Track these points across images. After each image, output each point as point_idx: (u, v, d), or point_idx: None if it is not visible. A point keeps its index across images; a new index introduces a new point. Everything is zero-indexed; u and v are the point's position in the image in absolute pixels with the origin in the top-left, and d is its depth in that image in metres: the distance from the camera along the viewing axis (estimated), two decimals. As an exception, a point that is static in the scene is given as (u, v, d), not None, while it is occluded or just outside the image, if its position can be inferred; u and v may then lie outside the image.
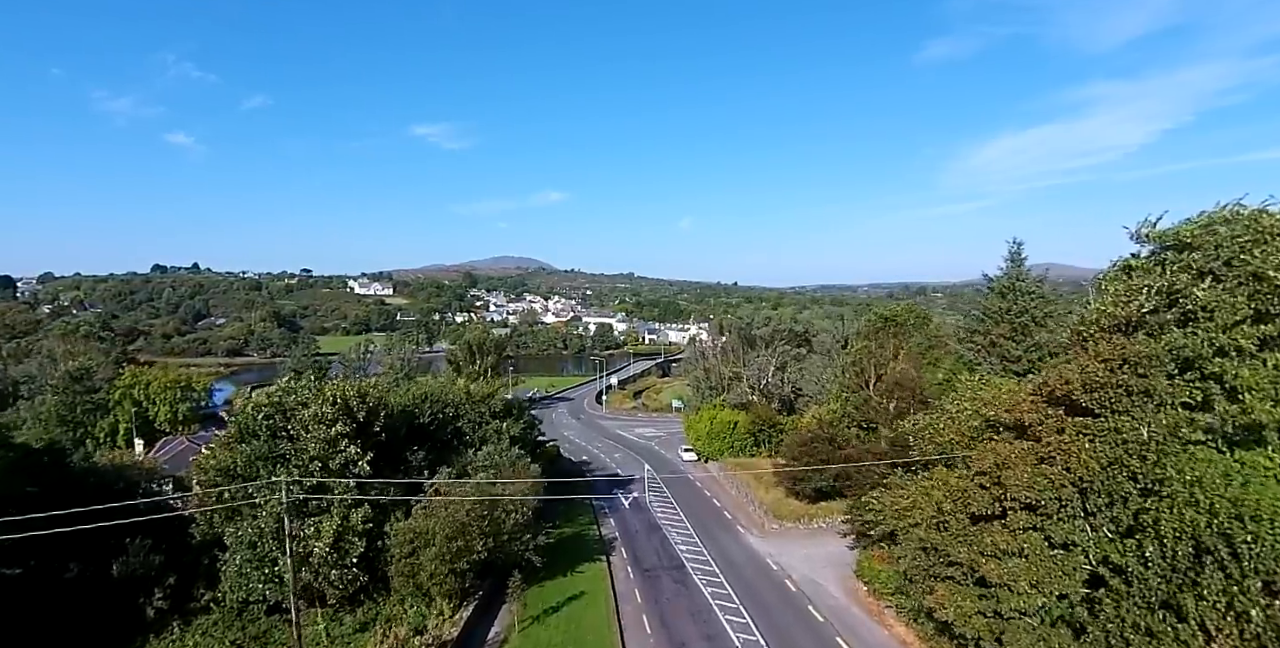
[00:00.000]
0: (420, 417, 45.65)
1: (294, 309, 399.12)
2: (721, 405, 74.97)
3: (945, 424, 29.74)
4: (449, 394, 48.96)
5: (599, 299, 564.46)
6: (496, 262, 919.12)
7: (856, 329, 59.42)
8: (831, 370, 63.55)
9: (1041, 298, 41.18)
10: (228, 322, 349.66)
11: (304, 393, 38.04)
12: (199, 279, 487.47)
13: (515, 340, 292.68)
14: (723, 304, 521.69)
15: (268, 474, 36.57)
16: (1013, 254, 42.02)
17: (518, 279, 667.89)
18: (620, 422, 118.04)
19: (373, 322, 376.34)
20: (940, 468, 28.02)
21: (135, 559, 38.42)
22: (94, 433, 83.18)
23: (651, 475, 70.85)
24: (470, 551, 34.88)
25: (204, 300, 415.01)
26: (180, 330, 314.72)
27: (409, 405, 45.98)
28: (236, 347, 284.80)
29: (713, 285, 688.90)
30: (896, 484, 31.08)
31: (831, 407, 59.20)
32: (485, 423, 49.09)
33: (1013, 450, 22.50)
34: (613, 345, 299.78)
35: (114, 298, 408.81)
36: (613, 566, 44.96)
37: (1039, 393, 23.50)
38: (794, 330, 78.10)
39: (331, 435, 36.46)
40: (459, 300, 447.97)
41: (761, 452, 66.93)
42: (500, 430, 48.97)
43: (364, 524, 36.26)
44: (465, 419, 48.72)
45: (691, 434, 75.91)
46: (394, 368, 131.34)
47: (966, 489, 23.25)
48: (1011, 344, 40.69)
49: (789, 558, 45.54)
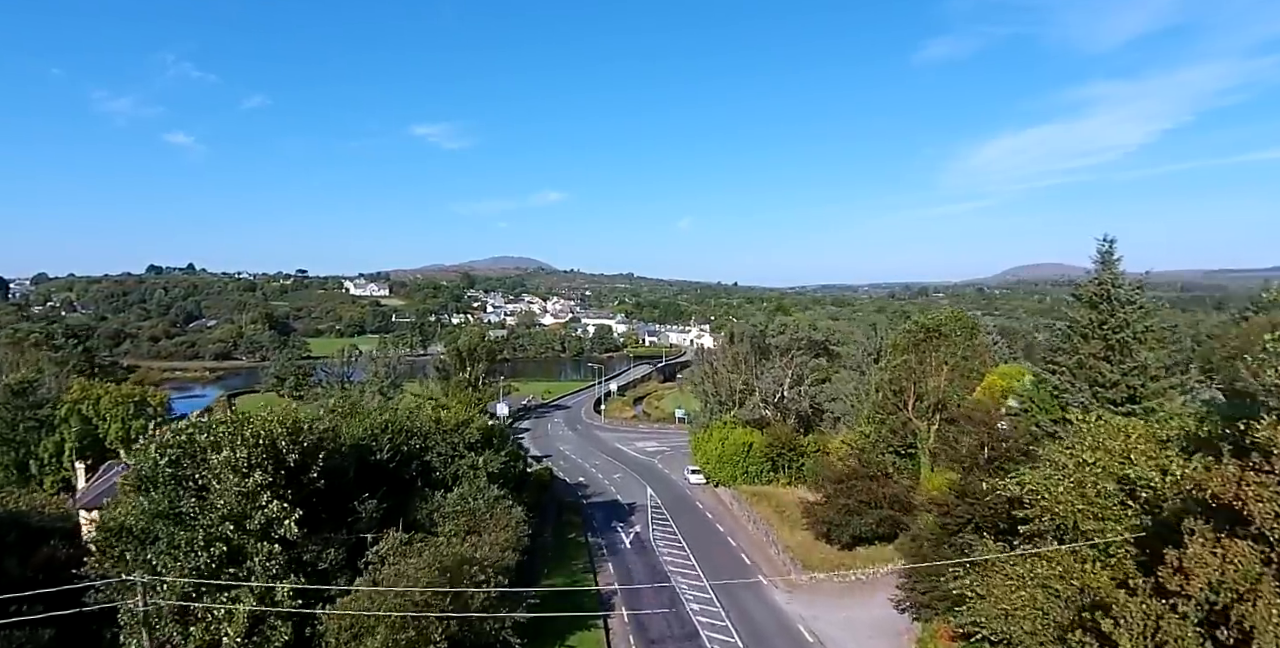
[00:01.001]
0: (377, 452, 37.58)
1: (288, 311, 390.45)
2: (733, 423, 66.94)
3: (1062, 487, 21.70)
4: (415, 422, 40.82)
5: (598, 300, 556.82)
6: (496, 262, 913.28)
7: (892, 340, 51.24)
8: (861, 387, 55.45)
9: (1141, 309, 33.08)
10: (218, 324, 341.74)
11: (218, 430, 29.97)
12: (193, 280, 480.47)
13: (512, 343, 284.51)
14: (723, 305, 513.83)
15: (166, 537, 28.57)
16: (1103, 254, 33.91)
17: (516, 280, 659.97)
18: (619, 433, 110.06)
19: (368, 323, 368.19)
20: (1064, 555, 20.08)
21: (21, 634, 30.54)
22: (38, 453, 75.05)
23: (655, 503, 62.89)
24: (426, 641, 26.86)
25: (196, 302, 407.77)
26: (169, 333, 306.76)
27: (363, 439, 37.91)
28: (225, 350, 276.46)
29: (713, 286, 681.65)
30: (994, 566, 23.00)
31: (863, 430, 51.17)
32: (459, 457, 41.03)
33: (1251, 562, 14.13)
34: (612, 348, 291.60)
35: (106, 299, 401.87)
36: (611, 634, 36.96)
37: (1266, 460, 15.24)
38: (813, 339, 69.85)
39: (249, 487, 28.42)
40: (456, 301, 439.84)
41: (780, 478, 58.87)
42: (477, 465, 40.89)
43: (293, 601, 28.29)
44: (435, 452, 40.64)
45: (699, 455, 67.93)
46: (378, 375, 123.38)
47: (1157, 615, 14.91)
48: (1106, 366, 32.64)
49: (826, 624, 37.47)
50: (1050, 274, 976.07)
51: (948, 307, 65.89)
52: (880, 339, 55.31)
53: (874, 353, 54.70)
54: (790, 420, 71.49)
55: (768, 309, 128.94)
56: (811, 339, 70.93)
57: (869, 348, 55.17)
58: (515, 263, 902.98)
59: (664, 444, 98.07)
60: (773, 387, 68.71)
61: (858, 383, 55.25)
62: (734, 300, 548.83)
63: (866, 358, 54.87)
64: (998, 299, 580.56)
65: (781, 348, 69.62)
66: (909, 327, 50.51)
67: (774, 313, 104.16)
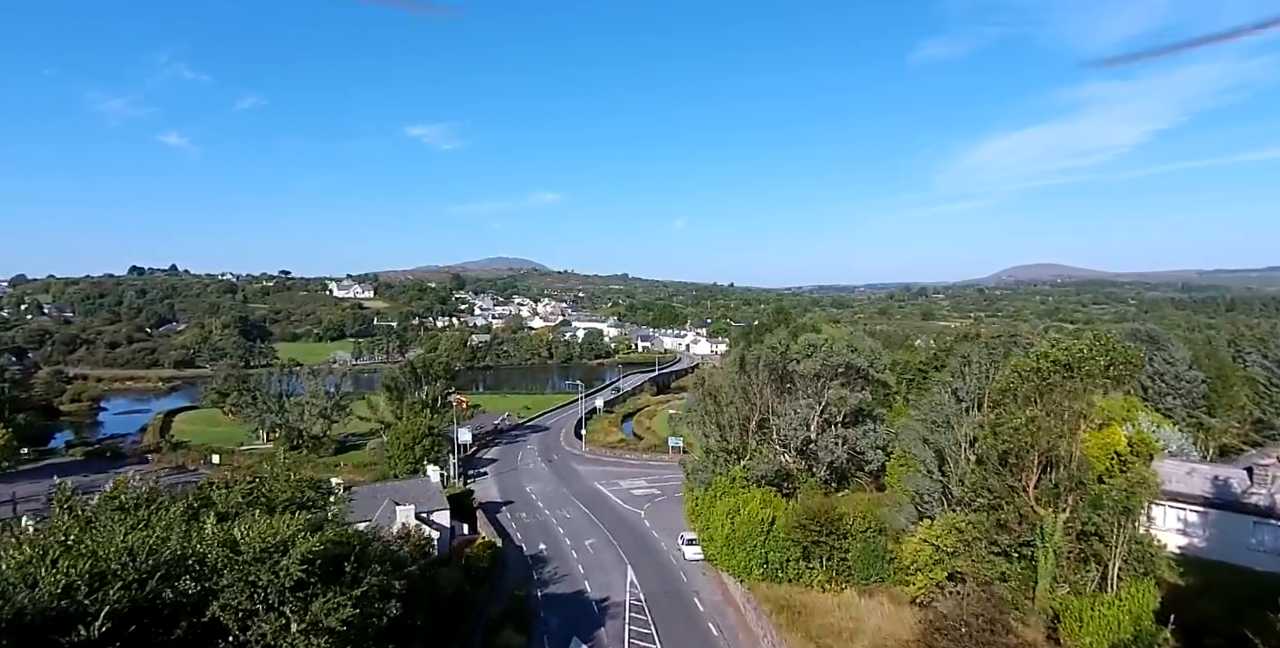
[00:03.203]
0: (90, 613, 19.51)
1: (266, 314, 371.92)
2: (743, 479, 48.88)
3: None
4: (189, 548, 22.62)
5: (591, 301, 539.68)
6: (490, 263, 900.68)
7: (1002, 383, 33.21)
8: (952, 449, 37.37)
9: None
10: (188, 327, 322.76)
11: None
12: (173, 281, 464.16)
13: (495, 349, 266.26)
14: (720, 306, 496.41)
15: None
16: None
17: (508, 281, 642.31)
18: (602, 467, 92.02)
19: (348, 327, 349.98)
20: None
21: None
22: None
23: (637, 597, 44.91)
24: None
25: (170, 305, 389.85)
26: (131, 338, 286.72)
27: (73, 583, 19.74)
28: (187, 357, 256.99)
29: (709, 286, 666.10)
30: None
31: (956, 520, 33.32)
32: (280, 601, 22.96)
33: None
34: (602, 354, 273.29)
35: (82, 302, 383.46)
36: None
37: None
38: (853, 365, 51.72)
39: None
40: (442, 304, 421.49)
41: (818, 573, 40.74)
42: (313, 616, 22.75)
43: None
44: (229, 596, 22.56)
45: (700, 524, 49.99)
46: (318, 396, 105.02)
47: None
48: None
49: None
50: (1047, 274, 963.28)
51: (1091, 332, 47.17)
52: (974, 374, 37.43)
53: (972, 397, 36.76)
54: (820, 472, 53.50)
55: (801, 325, 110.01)
56: (851, 365, 52.82)
57: (963, 389, 37.15)
58: (510, 264, 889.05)
59: (655, 484, 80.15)
60: (798, 429, 50.83)
61: (941, 442, 37.28)
62: (731, 302, 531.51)
63: (956, 408, 36.88)
64: (999, 300, 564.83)
65: (811, 376, 51.70)
66: (1030, 362, 32.62)
67: (799, 329, 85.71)
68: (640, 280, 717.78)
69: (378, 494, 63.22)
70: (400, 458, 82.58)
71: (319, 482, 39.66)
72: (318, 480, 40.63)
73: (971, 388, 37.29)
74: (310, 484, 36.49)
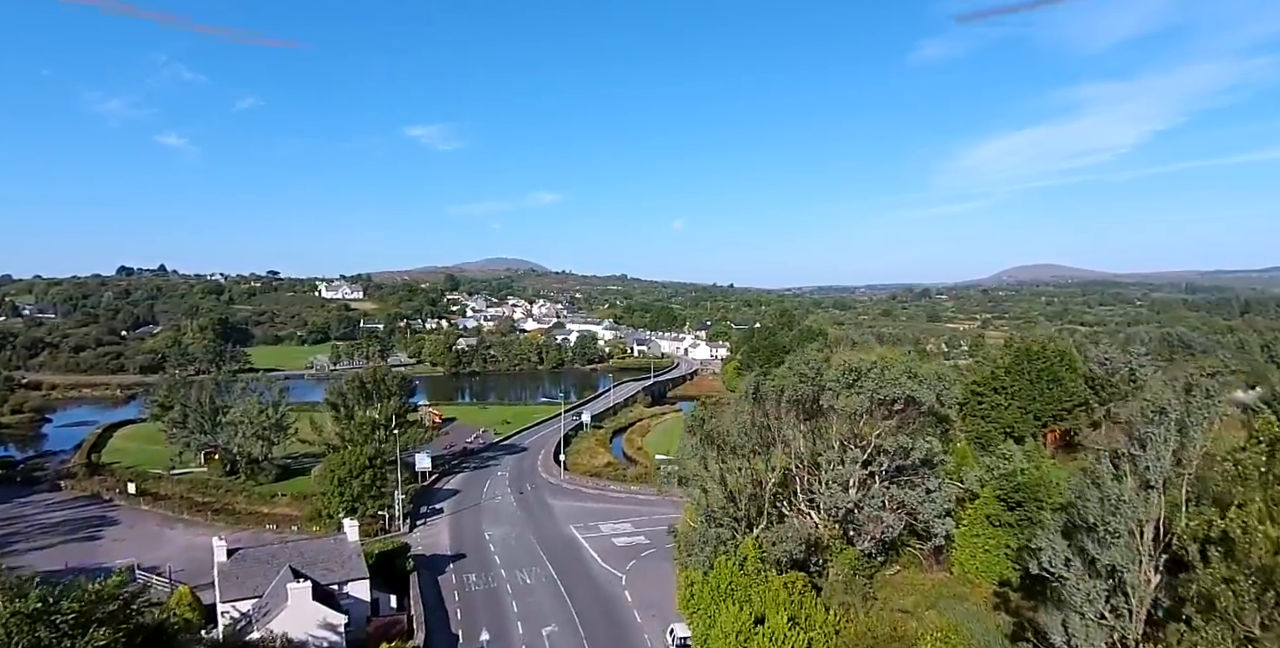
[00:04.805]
0: None
1: (249, 315, 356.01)
2: (756, 563, 34.14)
3: None
4: None
5: (588, 302, 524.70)
6: (489, 263, 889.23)
7: (1209, 434, 18.47)
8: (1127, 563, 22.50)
9: None
10: (163, 330, 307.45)
11: None
12: (159, 282, 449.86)
13: (482, 353, 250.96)
14: (719, 307, 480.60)
15: None
16: None
17: (504, 281, 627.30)
18: (581, 502, 77.32)
19: (333, 329, 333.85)
20: None
21: None
22: None
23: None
24: None
25: (150, 305, 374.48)
26: (100, 341, 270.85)
27: None
28: (155, 362, 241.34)
29: (708, 287, 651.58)
30: None
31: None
32: None
33: None
34: (596, 358, 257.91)
35: (64, 302, 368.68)
36: None
37: None
38: (915, 399, 36.68)
39: None
40: (432, 305, 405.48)
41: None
42: None
43: None
44: None
45: (697, 630, 35.15)
46: (251, 414, 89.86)
47: None
48: None
49: None
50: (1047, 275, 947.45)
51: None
52: (1167, 439, 22.75)
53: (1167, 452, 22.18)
54: (861, 541, 38.64)
55: (807, 330, 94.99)
56: (912, 397, 37.90)
57: (1154, 469, 22.37)
58: (508, 264, 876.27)
59: (642, 528, 65.64)
60: (836, 493, 36.08)
61: (1118, 559, 22.57)
62: (731, 303, 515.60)
63: (1140, 496, 22.25)
64: (1003, 301, 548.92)
65: (851, 413, 36.90)
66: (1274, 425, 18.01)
67: (829, 346, 70.22)
68: (639, 281, 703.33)
69: (276, 559, 48.64)
70: (333, 495, 67.92)
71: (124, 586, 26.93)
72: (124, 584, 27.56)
73: (1165, 465, 22.53)
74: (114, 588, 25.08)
